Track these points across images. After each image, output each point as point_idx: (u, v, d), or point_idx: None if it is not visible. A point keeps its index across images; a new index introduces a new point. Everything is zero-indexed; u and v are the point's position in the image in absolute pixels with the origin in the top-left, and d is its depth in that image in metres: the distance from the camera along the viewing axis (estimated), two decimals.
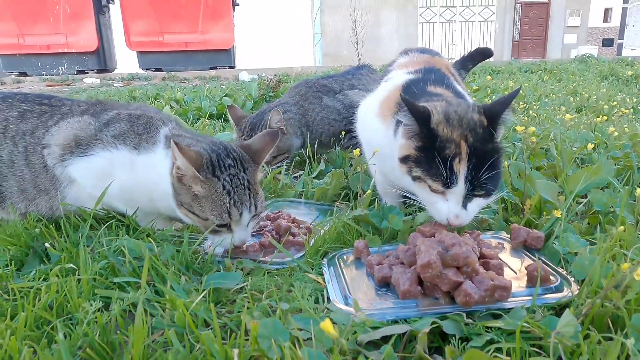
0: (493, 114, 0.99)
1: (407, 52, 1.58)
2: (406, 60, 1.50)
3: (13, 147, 1.28)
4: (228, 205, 1.09)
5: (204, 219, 1.11)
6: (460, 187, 0.97)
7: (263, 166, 1.43)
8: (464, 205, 0.99)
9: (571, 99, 3.85)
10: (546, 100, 3.83)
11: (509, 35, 16.02)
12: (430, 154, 0.99)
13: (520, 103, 3.56)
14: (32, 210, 1.31)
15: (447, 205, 1.00)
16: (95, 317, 0.79)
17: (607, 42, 17.17)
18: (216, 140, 1.24)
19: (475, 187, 0.97)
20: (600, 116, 2.49)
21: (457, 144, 0.97)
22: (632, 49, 16.42)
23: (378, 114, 1.24)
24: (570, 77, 5.77)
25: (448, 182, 0.97)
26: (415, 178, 1.03)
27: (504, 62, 9.00)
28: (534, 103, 3.64)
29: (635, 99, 3.91)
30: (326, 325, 0.56)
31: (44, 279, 0.97)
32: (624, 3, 17.13)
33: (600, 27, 17.13)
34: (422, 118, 0.99)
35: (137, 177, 1.22)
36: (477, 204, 1.01)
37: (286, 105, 2.13)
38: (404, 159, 1.05)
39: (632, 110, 3.13)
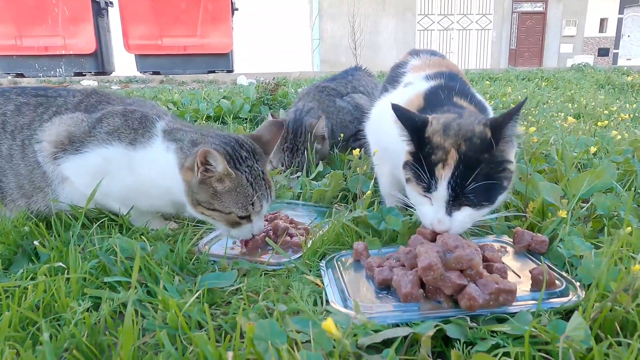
0: (496, 126, 0.97)
1: (418, 54, 1.54)
2: (420, 63, 1.47)
3: (12, 141, 1.25)
4: (252, 196, 1.10)
5: (227, 213, 1.09)
6: (441, 193, 0.96)
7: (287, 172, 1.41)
8: (449, 213, 0.98)
9: (569, 105, 3.85)
10: (544, 106, 3.83)
11: (506, 43, 16.12)
12: (419, 159, 1.00)
13: None
14: (33, 208, 1.28)
15: (431, 210, 1.00)
16: (84, 318, 0.76)
17: (603, 52, 17.29)
18: (223, 133, 1.22)
19: (460, 195, 0.95)
20: (601, 122, 2.48)
21: (446, 151, 0.96)
22: (627, 59, 16.53)
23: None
24: (567, 85, 5.78)
25: (429, 187, 0.98)
26: (407, 180, 1.05)
27: (501, 70, 9.03)
28: (532, 109, 3.63)
29: (634, 105, 3.92)
30: (328, 325, 0.52)
31: (32, 278, 0.94)
32: (619, 13, 17.29)
33: (596, 36, 17.26)
34: (414, 127, 1.00)
35: (135, 173, 1.19)
36: (467, 214, 0.98)
37: (314, 110, 2.09)
38: (404, 165, 1.06)
39: (631, 116, 3.13)
